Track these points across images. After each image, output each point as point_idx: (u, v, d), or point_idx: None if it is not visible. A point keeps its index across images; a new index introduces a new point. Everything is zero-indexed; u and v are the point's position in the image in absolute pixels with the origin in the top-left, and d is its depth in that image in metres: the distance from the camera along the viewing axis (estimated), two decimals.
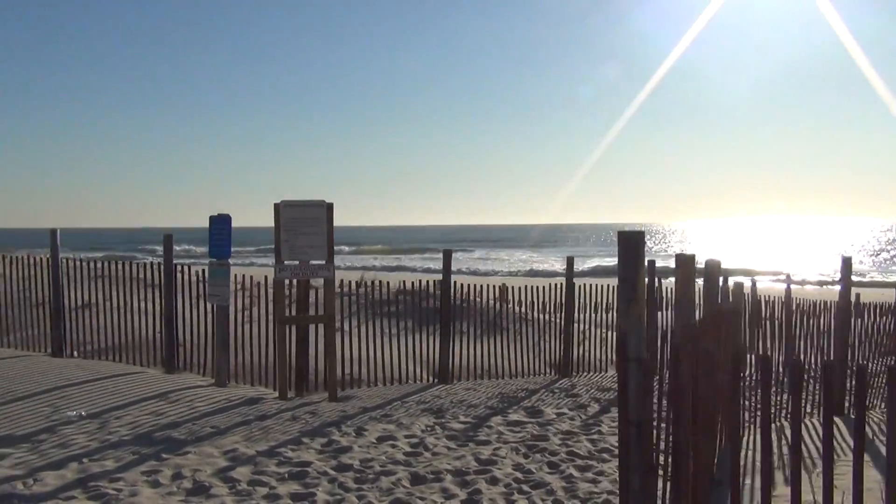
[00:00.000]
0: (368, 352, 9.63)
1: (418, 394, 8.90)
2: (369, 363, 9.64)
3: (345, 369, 9.48)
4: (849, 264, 8.51)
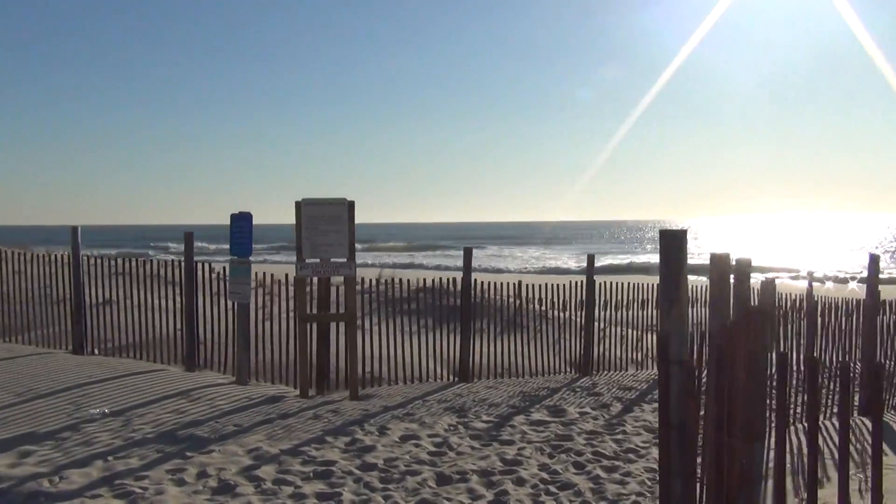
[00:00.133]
0: (388, 350, 9.60)
1: (439, 392, 8.86)
2: (389, 361, 9.60)
3: (365, 367, 9.45)
4: (876, 262, 8.39)
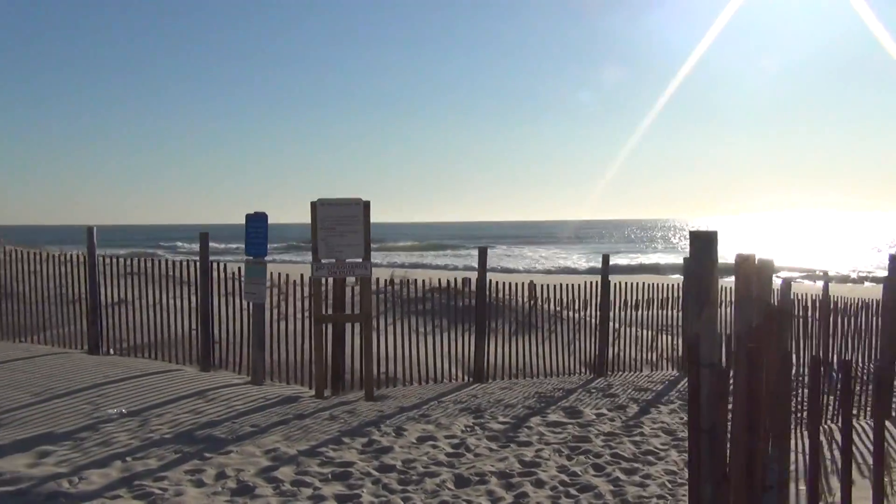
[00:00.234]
0: (402, 350, 9.58)
1: (454, 393, 8.83)
2: (404, 362, 9.58)
3: (379, 368, 9.43)
4: None
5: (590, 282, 11.07)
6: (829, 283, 12.06)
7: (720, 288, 12.57)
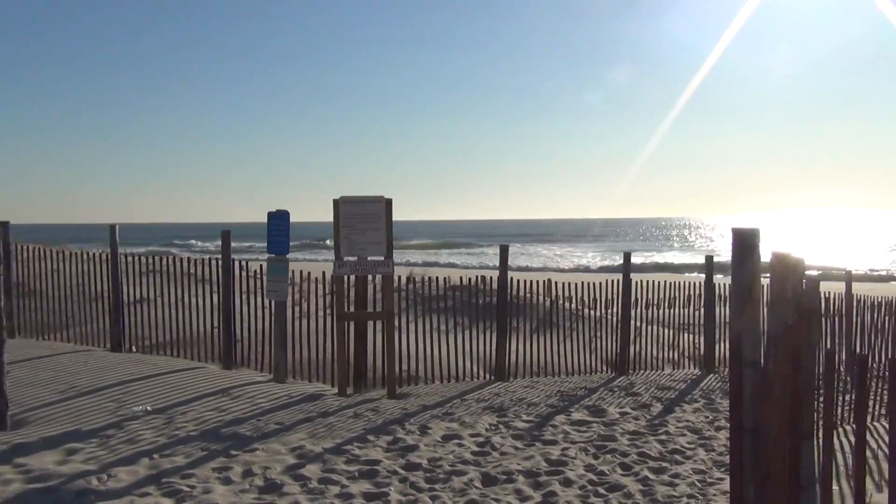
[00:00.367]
0: (423, 348, 9.56)
1: (476, 391, 8.80)
2: (425, 360, 9.56)
3: (401, 366, 9.42)
4: None
5: (610, 280, 11.02)
6: (853, 282, 11.95)
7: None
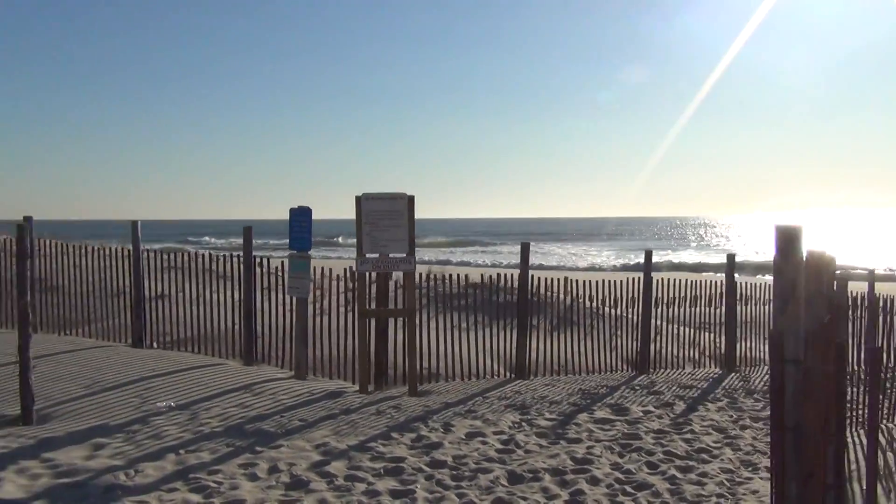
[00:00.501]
0: (443, 346, 9.54)
1: (497, 389, 8.77)
2: (446, 357, 9.54)
3: (421, 363, 9.40)
4: None
5: (631, 278, 10.96)
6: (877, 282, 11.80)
7: (760, 285, 12.36)
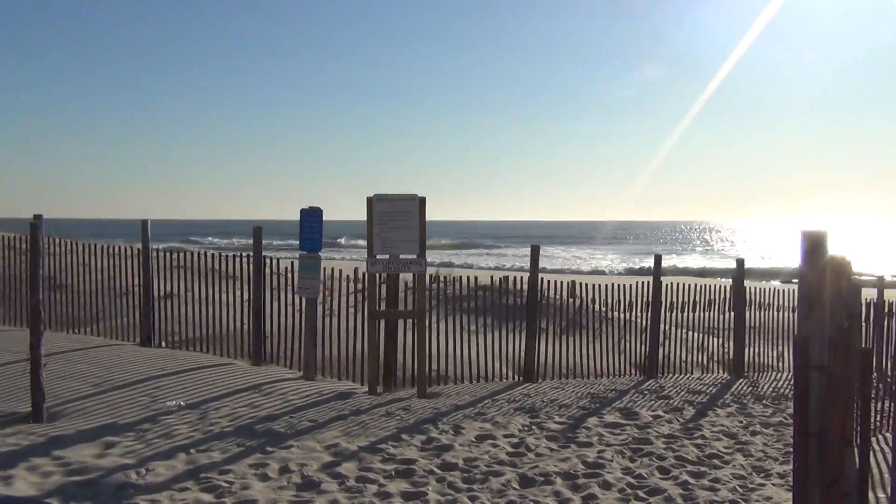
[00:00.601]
0: (452, 348, 9.52)
1: (506, 392, 8.75)
2: (455, 360, 9.52)
3: (430, 365, 9.38)
4: None
5: (639, 282, 10.93)
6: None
7: (769, 291, 12.31)
